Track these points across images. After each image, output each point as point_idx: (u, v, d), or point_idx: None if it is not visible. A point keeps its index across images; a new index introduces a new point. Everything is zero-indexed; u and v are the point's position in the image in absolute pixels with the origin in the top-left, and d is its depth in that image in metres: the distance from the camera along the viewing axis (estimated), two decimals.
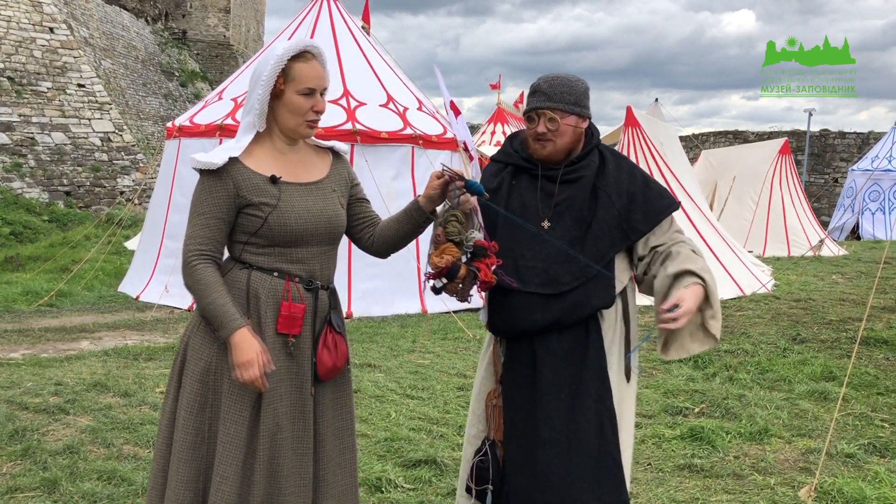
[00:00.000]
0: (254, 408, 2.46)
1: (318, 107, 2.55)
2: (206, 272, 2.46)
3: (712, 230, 11.11)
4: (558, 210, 2.65)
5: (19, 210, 16.85)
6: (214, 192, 2.49)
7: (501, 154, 2.81)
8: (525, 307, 2.59)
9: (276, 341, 2.48)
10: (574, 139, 2.66)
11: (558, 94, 2.60)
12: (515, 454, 2.63)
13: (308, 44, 2.57)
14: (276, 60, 2.52)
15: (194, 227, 2.50)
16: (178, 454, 2.48)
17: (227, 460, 2.43)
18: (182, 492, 2.46)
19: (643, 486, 4.13)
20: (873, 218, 21.57)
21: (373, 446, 4.54)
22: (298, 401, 2.51)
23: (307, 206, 2.53)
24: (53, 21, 21.70)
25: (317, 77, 2.54)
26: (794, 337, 7.76)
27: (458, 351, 7.25)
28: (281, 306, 2.47)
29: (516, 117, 25.41)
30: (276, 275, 2.49)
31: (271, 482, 2.46)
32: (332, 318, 2.58)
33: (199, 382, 2.48)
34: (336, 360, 2.55)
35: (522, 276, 2.60)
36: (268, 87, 2.52)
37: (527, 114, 2.67)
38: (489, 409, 2.71)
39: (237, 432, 2.44)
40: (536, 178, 2.69)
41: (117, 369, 6.16)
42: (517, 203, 2.67)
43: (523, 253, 2.61)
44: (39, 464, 4.08)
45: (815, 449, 4.62)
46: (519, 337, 2.64)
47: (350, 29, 10.83)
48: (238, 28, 45.95)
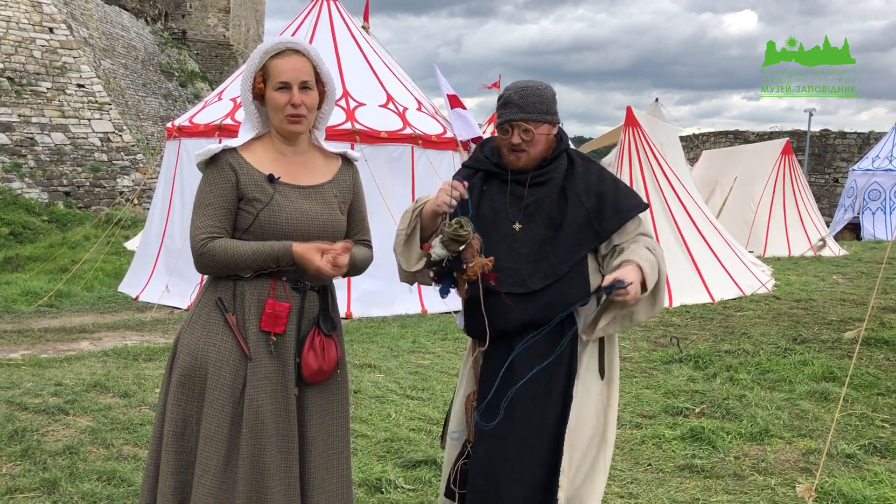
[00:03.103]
0: (236, 404, 2.47)
1: (293, 100, 2.53)
2: (221, 242, 2.49)
3: (713, 230, 11.11)
4: (528, 212, 2.69)
5: (19, 210, 16.84)
6: (218, 182, 2.52)
7: (472, 160, 2.87)
8: (499, 308, 2.61)
9: (259, 338, 2.49)
10: (547, 146, 2.72)
11: (530, 105, 2.66)
12: (484, 455, 2.64)
13: (283, 41, 2.58)
14: (250, 61, 2.57)
15: (201, 218, 2.52)
16: (165, 446, 2.51)
17: (207, 454, 2.45)
18: (170, 482, 2.49)
19: (643, 486, 4.13)
20: (874, 218, 21.56)
21: (373, 447, 4.54)
22: (283, 401, 2.50)
23: (301, 208, 2.54)
24: (53, 21, 21.70)
25: (290, 70, 2.53)
26: (795, 337, 7.76)
27: (458, 351, 7.24)
28: (265, 304, 2.49)
29: None
30: (264, 272, 2.50)
31: (257, 480, 2.46)
32: (321, 321, 2.57)
33: (184, 376, 2.51)
34: (322, 363, 2.53)
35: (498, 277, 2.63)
36: (247, 89, 2.57)
37: (500, 126, 2.71)
38: (468, 412, 2.72)
39: (218, 427, 2.45)
40: (506, 183, 2.73)
41: (117, 370, 6.15)
42: (488, 208, 2.72)
43: (497, 255, 2.63)
44: (39, 464, 4.07)
45: (816, 449, 4.61)
46: (497, 338, 2.65)
47: (350, 29, 10.82)
48: (238, 28, 45.95)
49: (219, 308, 2.51)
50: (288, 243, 2.48)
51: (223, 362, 2.47)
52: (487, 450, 2.62)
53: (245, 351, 2.48)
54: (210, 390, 2.47)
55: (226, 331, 2.49)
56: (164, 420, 2.53)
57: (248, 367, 2.48)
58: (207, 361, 2.48)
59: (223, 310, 2.50)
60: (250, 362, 2.48)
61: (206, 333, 2.51)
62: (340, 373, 2.65)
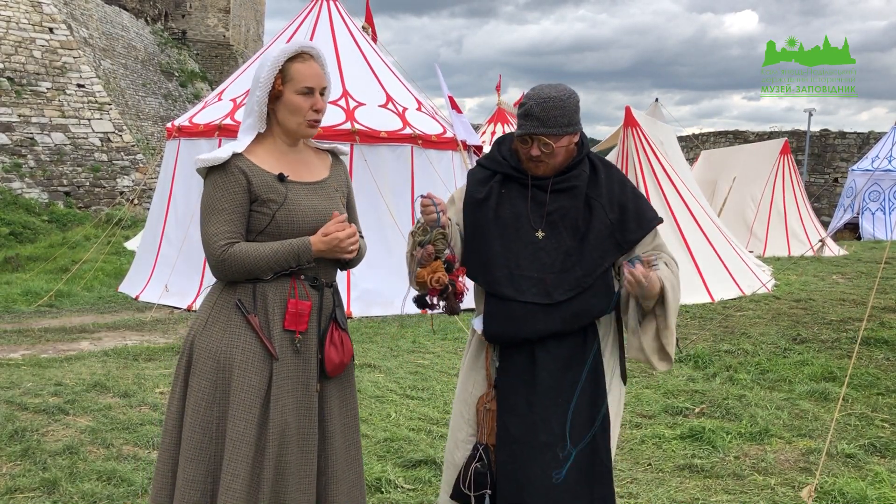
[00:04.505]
0: (262, 405, 2.47)
1: (317, 105, 2.58)
2: (241, 247, 2.49)
3: (715, 229, 11.11)
4: (551, 220, 2.65)
5: (19, 210, 16.83)
6: (229, 187, 2.51)
7: (489, 160, 2.79)
8: (525, 317, 2.59)
9: (283, 338, 2.50)
10: (567, 155, 2.67)
11: (552, 119, 2.58)
12: (507, 460, 2.62)
13: (304, 45, 2.60)
14: (272, 62, 2.55)
15: (216, 224, 2.50)
16: (185, 454, 2.48)
17: (237, 458, 2.43)
18: (189, 492, 2.46)
19: (643, 486, 4.13)
20: (873, 218, 21.56)
21: (372, 446, 4.54)
22: (304, 398, 2.52)
23: (313, 205, 2.57)
24: (53, 21, 21.69)
25: (314, 76, 2.57)
26: (795, 337, 7.76)
27: (458, 351, 7.24)
28: (288, 303, 2.50)
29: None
30: (284, 273, 2.51)
31: (278, 480, 2.46)
32: (337, 316, 2.61)
33: (206, 381, 2.48)
34: (343, 357, 2.59)
35: (518, 285, 2.60)
36: (266, 89, 2.55)
37: (520, 136, 2.65)
38: (481, 414, 2.70)
39: (246, 430, 2.44)
40: (526, 187, 2.68)
41: (117, 370, 6.15)
42: (508, 212, 2.67)
43: (518, 263, 2.61)
44: (39, 464, 4.07)
45: (816, 449, 4.61)
46: (519, 344, 2.64)
47: (350, 30, 10.83)
48: (238, 28, 45.95)
49: (239, 310, 2.50)
50: (305, 239, 2.50)
51: (248, 364, 2.47)
52: (510, 454, 2.61)
53: (271, 351, 2.48)
54: (236, 392, 2.45)
55: (249, 332, 2.49)
56: (183, 427, 2.50)
57: (273, 368, 2.48)
58: (232, 364, 2.47)
59: (244, 311, 2.50)
60: (275, 362, 2.48)
61: (228, 336, 2.49)
62: (353, 364, 2.72)
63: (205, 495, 2.47)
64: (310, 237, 2.51)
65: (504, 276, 2.61)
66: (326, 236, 2.51)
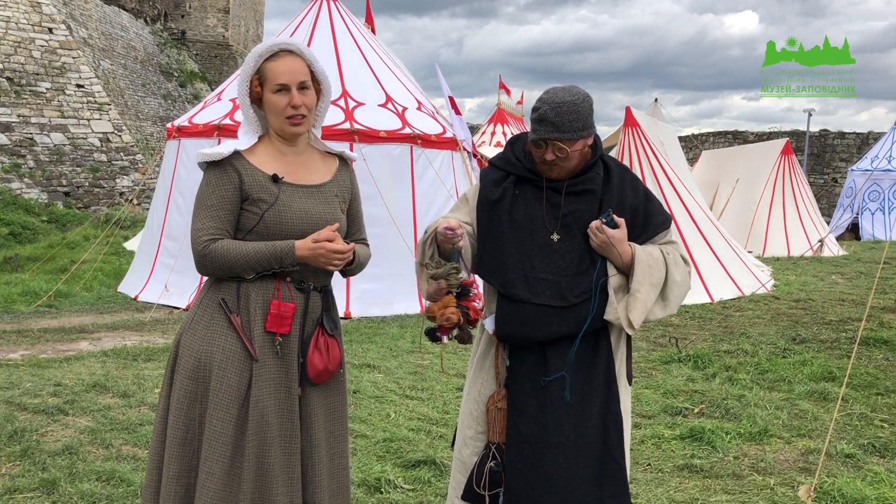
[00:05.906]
0: (241, 405, 2.46)
1: (293, 102, 2.52)
2: (223, 243, 2.47)
3: (714, 229, 11.12)
4: (566, 223, 2.64)
5: (18, 210, 16.82)
6: (221, 184, 2.51)
7: (503, 161, 2.77)
8: (539, 319, 2.58)
9: (264, 340, 2.48)
10: (581, 159, 2.66)
11: (566, 124, 2.56)
12: (517, 459, 2.62)
13: (277, 42, 2.57)
14: (245, 65, 2.55)
15: (203, 220, 2.50)
16: (169, 450, 2.49)
17: (212, 457, 2.43)
18: (173, 487, 2.47)
19: (643, 486, 4.13)
20: (873, 218, 21.58)
21: (372, 447, 4.54)
22: (286, 401, 2.50)
23: (305, 208, 2.54)
24: (52, 21, 21.69)
25: (287, 72, 2.52)
26: (794, 337, 7.76)
27: (458, 351, 7.24)
28: (270, 304, 2.48)
29: (516, 117, 25.45)
30: (267, 273, 2.49)
31: (261, 481, 2.45)
32: (325, 321, 2.57)
33: (188, 378, 2.49)
34: (328, 364, 2.54)
35: (534, 287, 2.60)
36: (244, 93, 2.55)
37: (534, 141, 2.64)
38: (491, 413, 2.70)
39: (223, 429, 2.43)
40: (541, 189, 2.67)
41: (116, 370, 6.15)
42: (523, 215, 2.66)
43: (533, 265, 2.61)
44: (38, 464, 4.07)
45: (815, 449, 4.61)
46: (531, 345, 2.64)
47: (349, 30, 10.82)
48: (237, 28, 45.94)
49: (222, 309, 2.49)
50: (290, 242, 2.47)
51: (228, 363, 2.46)
52: (522, 454, 2.61)
53: (251, 352, 2.46)
54: (214, 392, 2.45)
55: (230, 332, 2.48)
56: (167, 424, 2.51)
57: (252, 368, 2.47)
58: (212, 363, 2.47)
59: (227, 311, 2.49)
60: (255, 363, 2.47)
61: (210, 335, 2.49)
62: (342, 372, 2.66)
63: (189, 490, 2.47)
64: (296, 241, 2.48)
65: (519, 279, 2.60)
66: (315, 243, 2.47)
